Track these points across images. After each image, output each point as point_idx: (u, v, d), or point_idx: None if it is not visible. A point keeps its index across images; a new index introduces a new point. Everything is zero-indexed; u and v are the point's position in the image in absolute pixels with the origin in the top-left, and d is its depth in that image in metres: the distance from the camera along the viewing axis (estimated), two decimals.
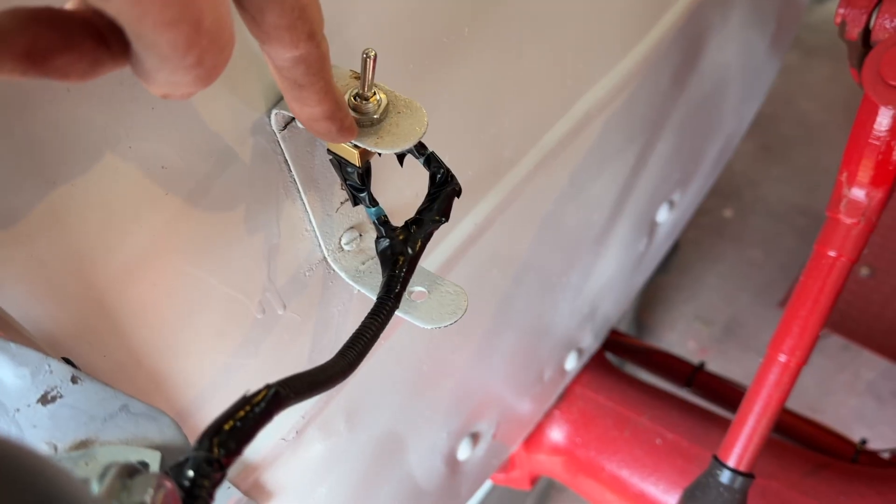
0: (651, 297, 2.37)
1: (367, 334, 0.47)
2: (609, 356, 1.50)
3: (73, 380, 0.37)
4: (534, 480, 1.44)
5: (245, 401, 0.35)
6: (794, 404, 1.29)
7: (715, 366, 2.15)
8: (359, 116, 0.46)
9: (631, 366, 1.63)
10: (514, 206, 0.81)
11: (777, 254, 2.41)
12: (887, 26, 0.71)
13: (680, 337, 2.33)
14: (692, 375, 1.44)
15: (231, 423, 0.34)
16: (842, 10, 0.73)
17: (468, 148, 0.71)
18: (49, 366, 0.37)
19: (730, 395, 1.39)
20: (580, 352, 1.31)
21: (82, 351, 0.46)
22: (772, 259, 2.41)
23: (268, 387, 0.36)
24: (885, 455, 1.25)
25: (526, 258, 0.92)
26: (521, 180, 0.80)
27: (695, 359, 2.20)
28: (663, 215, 1.29)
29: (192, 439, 0.38)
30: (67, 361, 0.44)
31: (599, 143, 0.90)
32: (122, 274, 0.46)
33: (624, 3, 0.81)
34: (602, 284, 1.22)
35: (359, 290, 0.61)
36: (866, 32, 0.72)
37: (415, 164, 0.54)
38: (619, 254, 1.21)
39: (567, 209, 0.94)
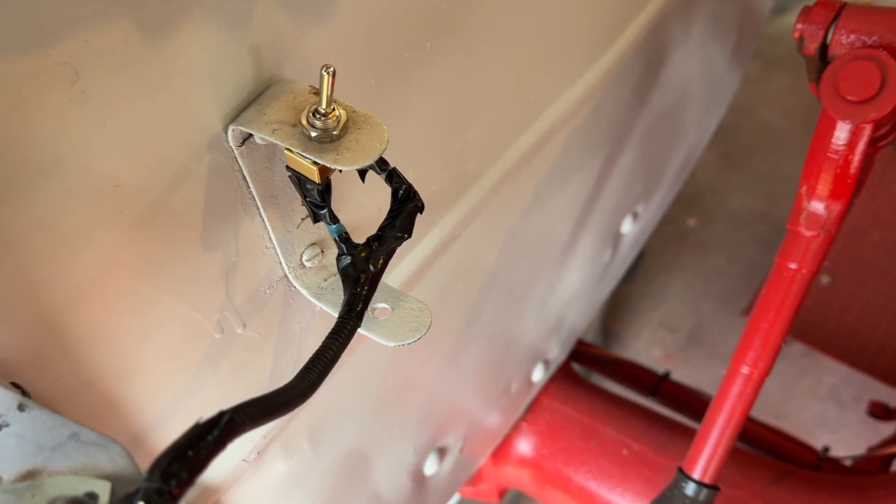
0: (617, 306, 2.39)
1: (327, 354, 0.46)
2: (575, 367, 1.50)
3: (21, 407, 0.36)
4: (502, 493, 1.43)
5: (198, 429, 0.34)
6: (757, 410, 1.30)
7: (680, 373, 2.17)
8: (317, 133, 0.46)
9: (597, 376, 1.63)
10: (478, 219, 0.81)
11: (739, 261, 2.44)
12: (844, 42, 0.72)
13: (646, 344, 2.35)
14: (657, 385, 1.44)
15: (183, 451, 0.33)
16: (800, 26, 0.74)
17: (432, 162, 0.70)
18: None
19: (694, 404, 1.40)
20: (547, 363, 1.31)
21: (33, 375, 0.44)
22: (734, 266, 2.44)
23: (222, 413, 0.35)
24: (848, 462, 1.27)
25: (491, 271, 0.91)
26: (485, 194, 0.79)
27: (660, 366, 2.22)
28: (627, 227, 1.30)
29: (150, 462, 0.37)
30: (17, 387, 0.42)
31: (563, 157, 0.91)
32: (73, 295, 0.44)
33: (587, 17, 0.81)
34: (568, 296, 1.22)
35: (321, 308, 0.60)
36: (823, 48, 0.73)
37: (377, 179, 0.53)
38: (584, 265, 1.21)
39: (532, 222, 0.94)
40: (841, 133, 0.69)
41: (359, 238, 0.54)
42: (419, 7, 0.58)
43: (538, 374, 1.28)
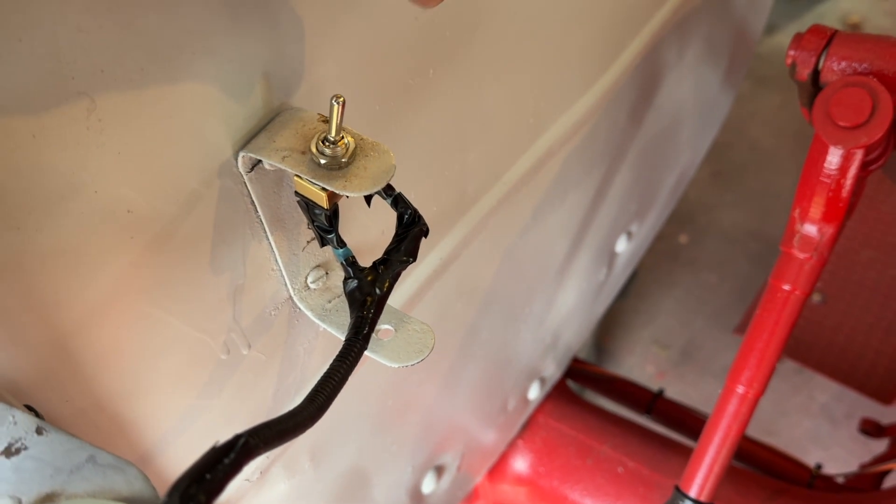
0: (610, 322, 2.40)
1: (335, 377, 0.47)
2: (571, 384, 1.51)
3: (39, 431, 0.37)
4: None
5: (214, 452, 0.34)
6: (751, 427, 1.31)
7: (673, 389, 2.17)
8: (327, 160, 0.47)
9: (592, 393, 1.64)
10: (477, 240, 0.82)
11: (731, 278, 2.46)
12: (835, 68, 0.73)
13: (639, 361, 2.36)
14: (652, 402, 1.45)
15: (201, 475, 0.33)
16: (792, 52, 0.75)
17: (433, 184, 0.72)
18: (13, 416, 0.37)
19: (689, 421, 1.41)
20: (543, 381, 1.32)
21: (45, 397, 0.45)
22: (726, 283, 2.46)
23: (237, 437, 0.36)
24: (840, 479, 1.28)
25: (490, 290, 0.92)
26: (484, 215, 0.81)
27: (654, 383, 2.22)
28: (622, 245, 1.31)
29: (156, 482, 0.38)
30: (30, 409, 0.43)
31: (560, 178, 0.92)
32: (85, 318, 0.45)
33: (583, 44, 0.83)
34: (564, 314, 1.24)
35: (325, 329, 0.61)
36: (815, 74, 0.74)
37: (381, 202, 0.54)
38: (580, 284, 1.22)
39: (529, 242, 0.95)
40: (833, 158, 0.71)
41: (363, 259, 0.55)
42: (424, 36, 0.60)
43: (534, 392, 1.29)
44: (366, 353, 0.53)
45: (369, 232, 0.66)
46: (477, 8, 0.64)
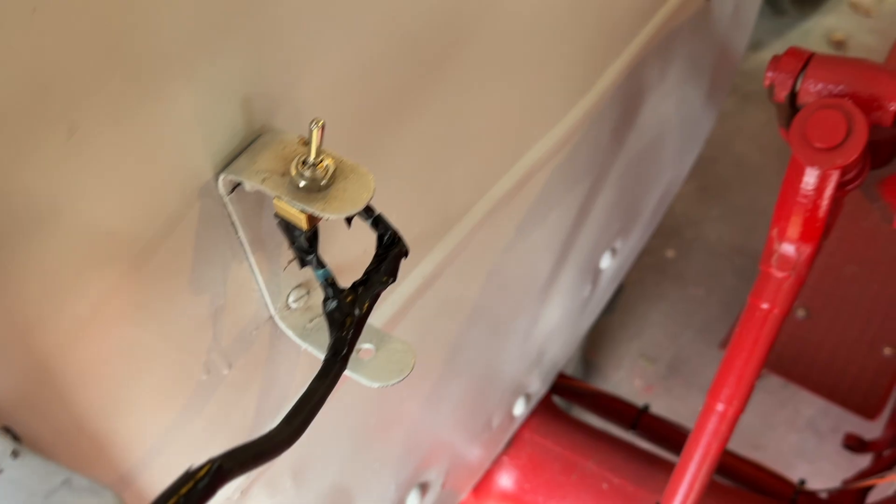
0: (597, 336, 2.41)
1: (313, 398, 0.47)
2: (556, 400, 1.51)
3: (14, 454, 0.37)
4: None
5: (188, 476, 0.35)
6: (736, 441, 1.32)
7: (661, 403, 2.18)
8: (306, 182, 0.47)
9: (578, 409, 1.64)
10: (461, 257, 0.82)
11: (718, 291, 2.47)
12: (812, 90, 0.75)
13: (626, 375, 2.37)
14: (637, 418, 1.46)
15: (174, 499, 0.34)
16: (770, 74, 0.77)
17: (415, 203, 0.72)
18: None
19: (673, 437, 1.41)
20: (528, 397, 1.32)
21: (23, 417, 0.45)
22: (713, 296, 2.47)
23: (211, 461, 0.36)
24: (823, 495, 1.28)
25: (474, 307, 0.93)
26: (467, 233, 0.81)
27: (641, 396, 2.23)
28: (606, 262, 1.32)
29: None
30: (8, 431, 0.43)
31: (543, 196, 0.93)
32: (64, 339, 0.45)
33: (566, 63, 0.84)
34: (549, 330, 1.24)
35: (306, 348, 0.61)
36: (793, 95, 0.75)
37: (362, 221, 0.55)
38: (564, 300, 1.23)
39: (513, 259, 0.95)
40: (810, 178, 0.72)
41: (343, 278, 0.55)
42: (407, 56, 0.61)
43: (519, 408, 1.30)
44: (346, 372, 0.53)
45: (350, 251, 0.66)
46: (461, 27, 0.65)
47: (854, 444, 1.58)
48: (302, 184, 0.47)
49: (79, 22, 0.37)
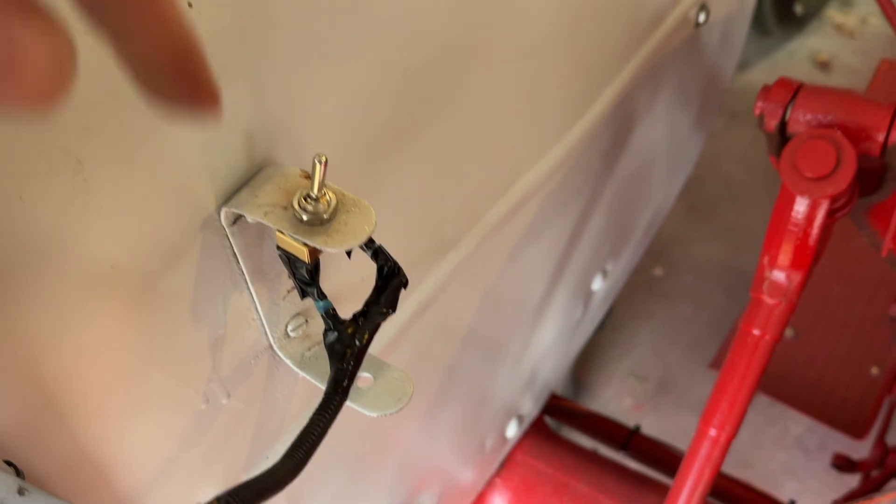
0: (587, 355, 2.41)
1: (315, 431, 0.47)
2: (548, 420, 1.52)
3: (20, 491, 0.37)
4: None
5: None
6: (726, 460, 1.33)
7: (650, 421, 2.18)
8: (308, 216, 0.48)
9: (569, 429, 1.65)
10: (455, 283, 0.83)
11: (706, 310, 2.49)
12: (801, 120, 0.76)
13: (616, 393, 2.37)
14: (628, 439, 1.47)
15: None
16: (760, 104, 0.78)
17: (411, 231, 0.73)
18: None
19: (664, 458, 1.42)
20: (521, 418, 1.33)
21: (25, 450, 0.45)
22: (701, 315, 2.48)
23: (217, 499, 0.36)
24: None
25: (468, 332, 0.94)
26: (462, 259, 0.82)
27: (631, 416, 2.23)
28: (598, 284, 1.33)
29: None
30: (10, 464, 0.43)
31: (535, 222, 0.94)
32: (67, 372, 0.46)
33: (558, 94, 0.85)
34: (541, 352, 1.25)
35: (304, 376, 0.62)
36: (783, 125, 0.77)
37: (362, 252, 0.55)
38: (557, 322, 1.24)
39: (506, 283, 0.96)
40: (800, 207, 0.73)
41: (342, 305, 0.56)
42: (407, 90, 0.61)
43: (512, 430, 1.30)
44: (346, 402, 0.54)
45: (349, 278, 0.67)
46: (460, 61, 0.66)
47: (842, 464, 1.59)
48: (305, 217, 0.48)
49: (87, 65, 0.38)
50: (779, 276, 0.76)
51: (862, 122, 0.73)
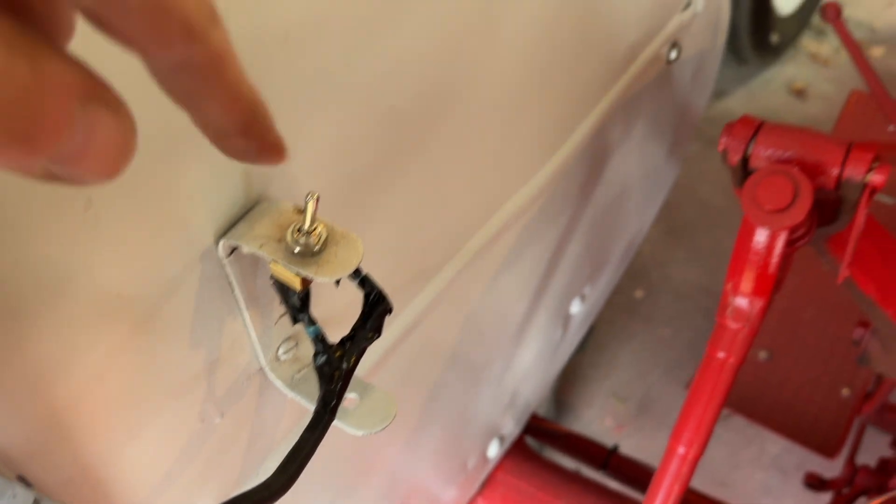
0: (569, 375, 2.45)
1: (305, 447, 0.51)
2: (529, 441, 1.55)
3: (37, 503, 0.40)
4: None
5: None
6: (703, 479, 1.36)
7: (632, 441, 2.21)
8: (300, 248, 0.52)
9: (550, 450, 1.68)
10: (438, 308, 0.87)
11: (684, 331, 2.53)
12: (762, 155, 0.81)
13: (598, 413, 2.40)
14: (607, 459, 1.50)
15: None
16: (724, 140, 0.83)
17: (397, 259, 0.77)
18: (13, 491, 0.40)
19: (641, 477, 1.46)
20: (502, 438, 1.36)
21: (34, 467, 0.49)
22: (680, 336, 2.53)
23: None
24: None
25: (450, 354, 0.97)
26: (445, 285, 0.86)
27: (613, 436, 2.27)
28: (576, 307, 1.38)
29: None
30: (22, 479, 0.47)
31: (515, 249, 0.98)
32: (75, 393, 0.49)
33: (536, 129, 0.90)
34: (522, 373, 1.29)
35: (293, 397, 0.65)
36: (745, 160, 0.82)
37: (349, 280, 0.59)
38: (537, 345, 1.28)
39: (487, 308, 1.00)
40: (760, 238, 0.78)
41: (330, 330, 0.60)
42: (393, 127, 0.66)
43: (493, 450, 1.33)
44: (333, 421, 0.57)
45: (337, 304, 0.70)
46: (444, 100, 0.71)
47: (814, 482, 1.64)
48: (297, 249, 0.52)
49: None
50: (741, 302, 0.81)
51: (818, 157, 0.78)
